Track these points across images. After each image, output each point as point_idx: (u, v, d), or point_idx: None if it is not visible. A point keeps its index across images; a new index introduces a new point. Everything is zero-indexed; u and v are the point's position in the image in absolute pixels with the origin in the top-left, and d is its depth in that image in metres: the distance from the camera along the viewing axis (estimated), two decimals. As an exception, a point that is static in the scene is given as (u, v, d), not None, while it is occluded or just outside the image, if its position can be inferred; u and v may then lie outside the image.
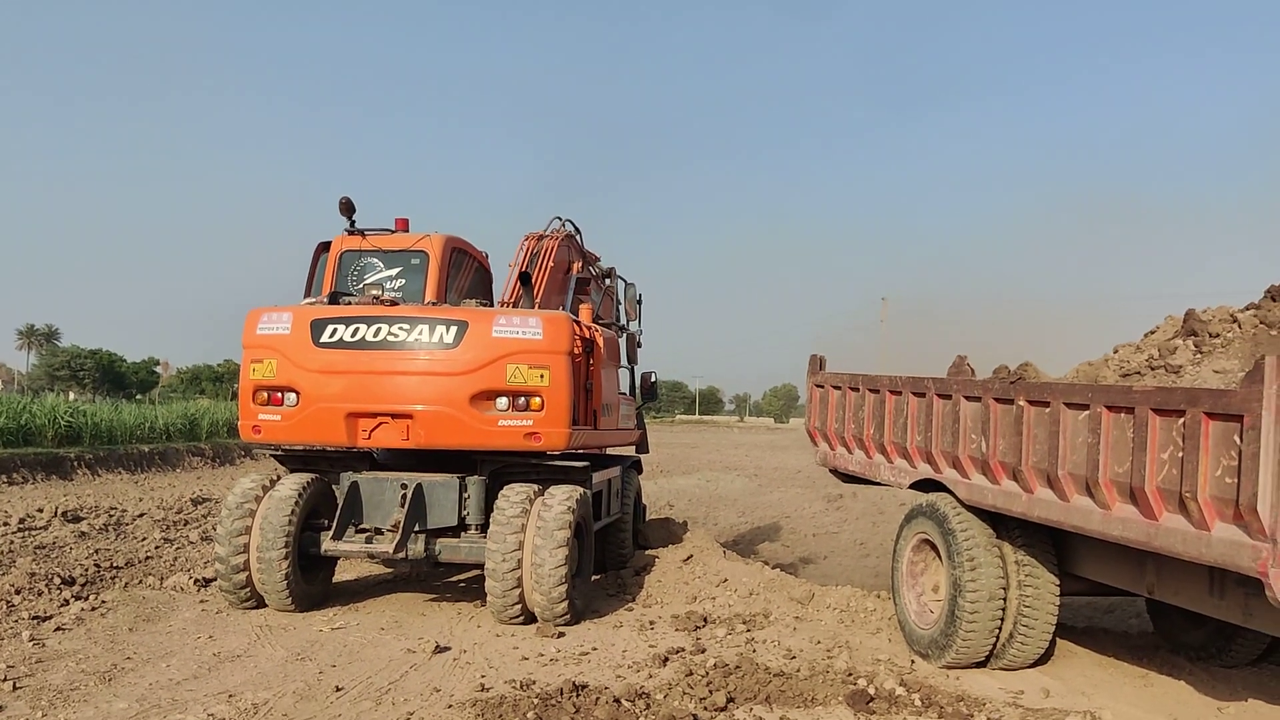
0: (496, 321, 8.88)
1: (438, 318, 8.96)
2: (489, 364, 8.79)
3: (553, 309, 10.72)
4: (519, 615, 8.77)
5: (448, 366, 8.83)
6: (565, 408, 8.92)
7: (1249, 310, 6.77)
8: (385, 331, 8.92)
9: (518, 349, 8.80)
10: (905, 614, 8.38)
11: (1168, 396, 5.52)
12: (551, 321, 8.97)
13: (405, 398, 8.92)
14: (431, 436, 8.93)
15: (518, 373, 8.76)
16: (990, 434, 7.17)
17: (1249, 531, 4.93)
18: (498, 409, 8.84)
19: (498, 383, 8.79)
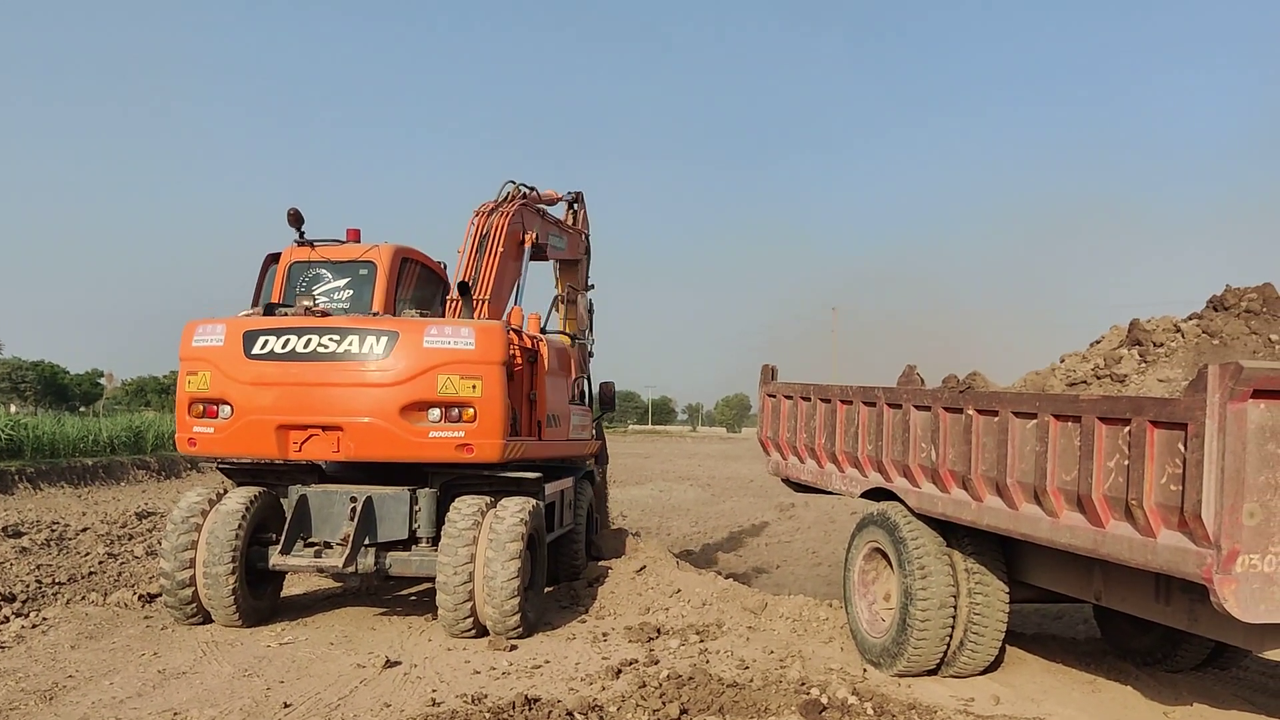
0: (428, 332, 8.76)
1: (368, 328, 8.86)
2: (419, 375, 8.67)
3: (508, 286, 10.92)
4: (471, 629, 8.70)
5: (378, 378, 8.71)
6: (499, 419, 8.77)
7: (1192, 320, 6.88)
8: (315, 343, 8.84)
9: (449, 359, 8.68)
10: (857, 623, 8.41)
11: (1113, 405, 5.59)
12: (485, 331, 8.83)
13: (335, 410, 8.79)
14: (361, 449, 8.81)
15: (449, 383, 8.65)
16: (940, 443, 7.22)
17: (1194, 538, 4.99)
18: (430, 420, 8.70)
19: (429, 394, 8.66)
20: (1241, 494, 4.80)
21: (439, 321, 9.03)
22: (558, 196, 13.24)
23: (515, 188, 11.74)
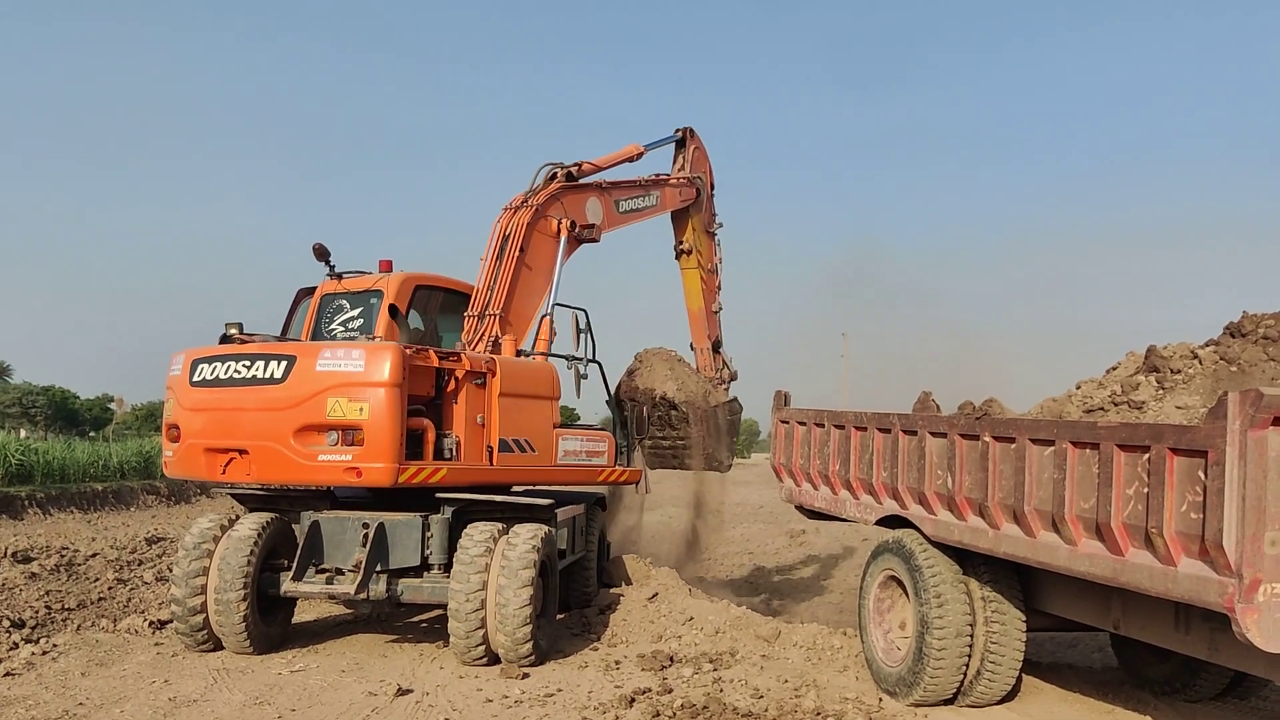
0: (321, 355, 8.76)
1: (270, 354, 8.96)
2: (311, 398, 8.65)
3: (535, 294, 10.95)
4: (483, 656, 8.66)
5: (275, 402, 8.77)
6: (388, 442, 8.54)
7: (1209, 346, 6.84)
8: (232, 369, 9.04)
9: (339, 382, 8.60)
10: (872, 651, 8.34)
11: (1132, 432, 5.55)
12: (374, 353, 8.68)
13: (243, 434, 8.94)
14: (263, 472, 8.90)
15: (338, 406, 8.58)
16: (956, 470, 7.18)
17: (1215, 567, 4.95)
18: (327, 443, 8.65)
19: (319, 417, 8.60)
20: (1263, 522, 4.76)
21: (335, 345, 9.03)
22: (636, 151, 13.11)
23: (550, 170, 11.60)
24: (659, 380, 13.90)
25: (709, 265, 14.59)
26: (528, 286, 10.91)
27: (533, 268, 11.00)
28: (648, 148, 13.38)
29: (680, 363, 14.46)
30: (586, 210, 11.89)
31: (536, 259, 11.11)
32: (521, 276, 10.85)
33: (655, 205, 13.18)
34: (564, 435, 10.61)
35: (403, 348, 8.75)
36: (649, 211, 13.14)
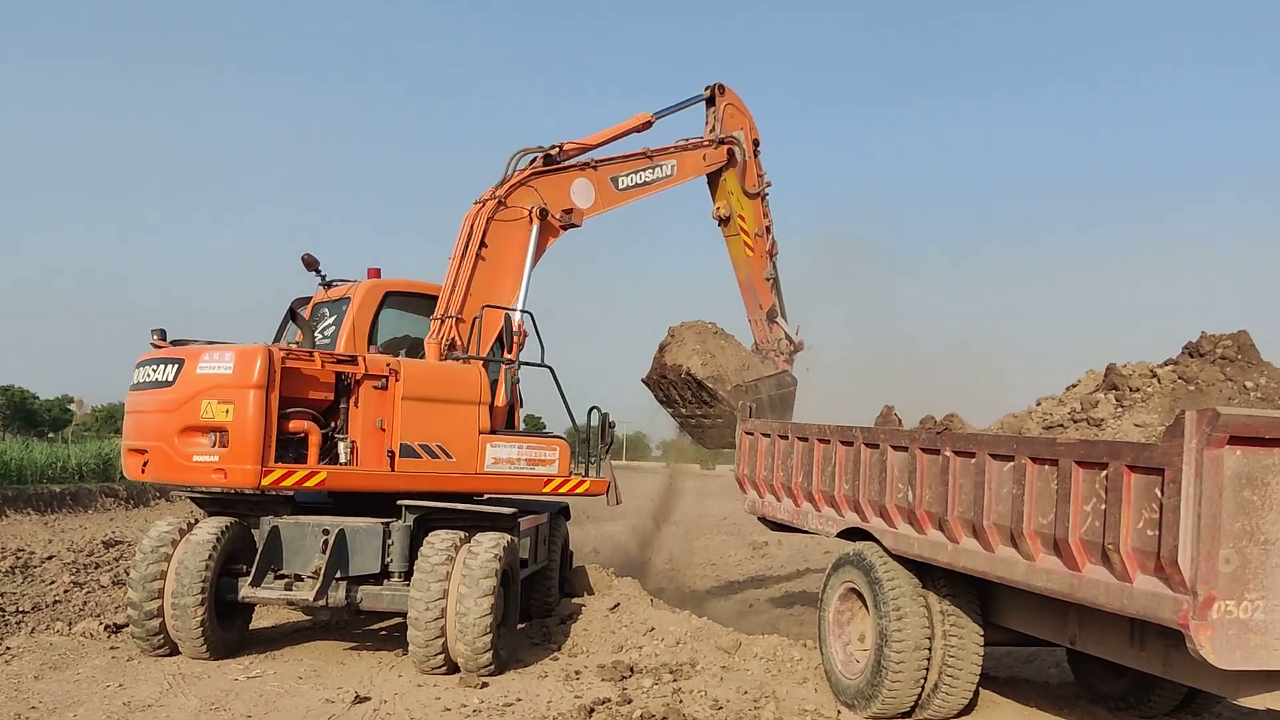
0: (202, 359, 8.89)
1: (166, 358, 9.16)
2: (189, 400, 8.81)
3: (500, 290, 10.71)
4: (442, 665, 8.61)
5: (165, 404, 8.97)
6: (253, 444, 8.59)
7: (1168, 366, 6.93)
8: (144, 372, 9.31)
9: (212, 384, 8.73)
10: (832, 663, 8.37)
11: (1091, 449, 5.61)
12: (242, 356, 8.75)
13: (145, 435, 9.21)
14: (156, 471, 9.13)
15: (209, 408, 8.70)
16: (917, 484, 7.22)
17: (1170, 584, 5.00)
18: (207, 445, 8.75)
19: (194, 419, 8.74)
20: (1218, 540, 4.82)
21: (214, 348, 9.07)
22: (643, 120, 12.40)
23: (524, 155, 11.20)
24: (685, 355, 13.07)
25: (755, 230, 13.52)
26: (489, 283, 10.65)
27: (496, 263, 10.75)
28: (658, 115, 12.63)
29: (716, 335, 13.49)
30: (572, 193, 11.46)
31: (500, 254, 10.82)
32: (479, 274, 10.61)
33: (671, 175, 12.45)
34: (494, 442, 10.04)
35: (271, 350, 8.80)
36: (664, 182, 12.42)
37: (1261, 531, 4.91)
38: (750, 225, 13.57)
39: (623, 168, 12.04)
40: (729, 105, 13.16)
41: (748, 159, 13.39)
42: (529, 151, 11.28)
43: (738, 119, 13.31)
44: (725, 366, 13.11)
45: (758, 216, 13.63)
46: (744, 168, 13.35)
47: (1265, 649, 4.95)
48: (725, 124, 13.15)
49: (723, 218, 13.49)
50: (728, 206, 13.39)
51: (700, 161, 12.94)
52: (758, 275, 13.88)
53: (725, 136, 13.15)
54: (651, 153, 12.34)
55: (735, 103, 13.27)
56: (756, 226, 13.60)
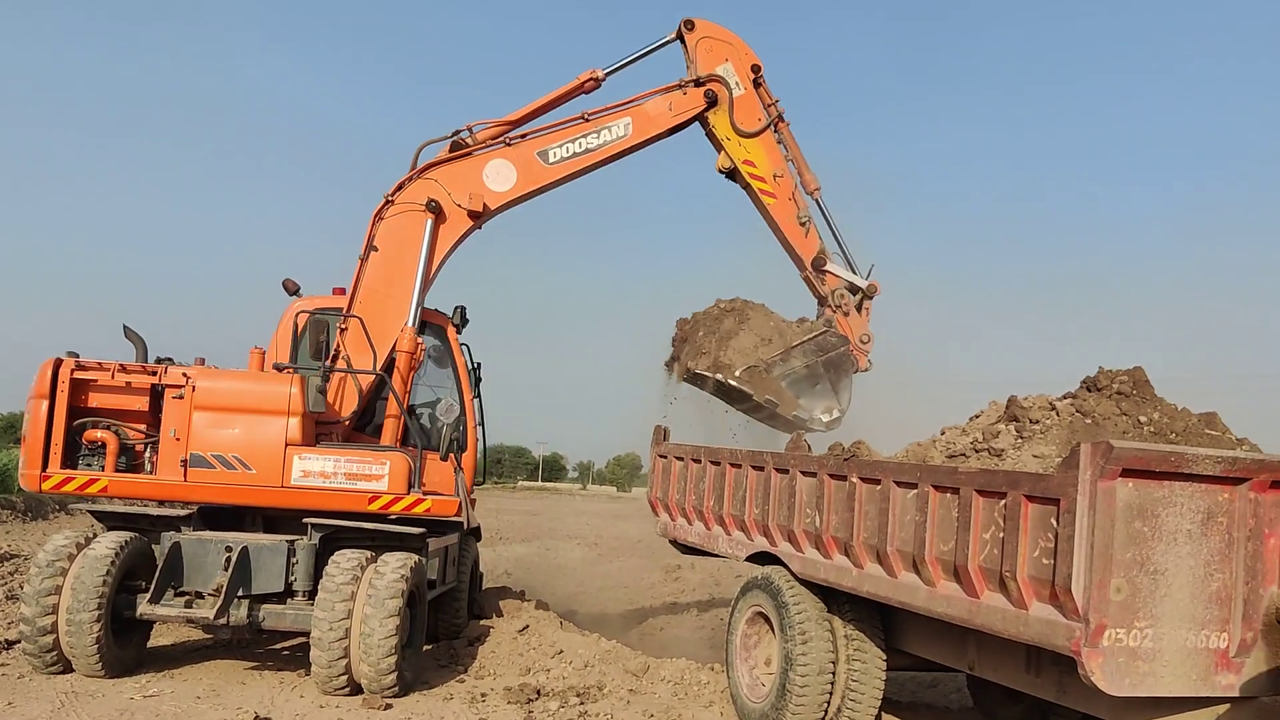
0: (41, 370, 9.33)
1: None
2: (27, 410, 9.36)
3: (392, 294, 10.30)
4: (345, 686, 8.47)
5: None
6: (35, 449, 9.17)
7: (1066, 399, 7.12)
8: None
9: (29, 396, 9.29)
10: (738, 687, 8.42)
11: (990, 478, 5.75)
12: (41, 368, 9.28)
13: None
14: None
15: (25, 417, 9.38)
16: (824, 509, 7.33)
17: (1064, 611, 5.13)
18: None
19: (22, 427, 9.43)
20: (1110, 569, 4.96)
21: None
22: (588, 78, 10.98)
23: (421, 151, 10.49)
24: (691, 356, 11.29)
25: (770, 172, 11.33)
26: (380, 286, 10.28)
27: (388, 263, 10.33)
28: (609, 71, 11.08)
29: (732, 313, 11.42)
30: (485, 178, 10.48)
31: (393, 253, 10.35)
32: (367, 277, 10.27)
33: (628, 135, 10.82)
34: (303, 454, 9.47)
35: (60, 361, 9.25)
36: (618, 145, 10.83)
37: (1151, 561, 5.07)
38: (762, 169, 11.38)
39: (552, 139, 10.71)
40: (704, 39, 11.21)
41: (744, 93, 11.31)
42: (434, 142, 10.61)
43: (719, 50, 11.29)
44: (738, 352, 10.97)
45: (770, 156, 11.43)
46: (733, 106, 11.24)
47: (1153, 676, 5.10)
48: (702, 62, 11.18)
49: (726, 170, 11.42)
50: (727, 156, 11.33)
51: (666, 112, 11.03)
52: (788, 223, 11.56)
53: (705, 76, 11.16)
54: (591, 114, 10.82)
55: (713, 33, 11.31)
56: (771, 168, 11.41)
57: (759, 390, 10.77)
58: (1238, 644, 5.20)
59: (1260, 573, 5.23)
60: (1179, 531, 5.12)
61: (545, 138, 10.75)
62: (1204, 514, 5.17)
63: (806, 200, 11.65)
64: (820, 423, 11.31)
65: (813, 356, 11.19)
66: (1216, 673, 5.20)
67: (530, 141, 10.68)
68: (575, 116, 10.80)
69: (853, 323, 11.61)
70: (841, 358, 11.47)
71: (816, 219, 11.71)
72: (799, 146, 11.70)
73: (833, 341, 11.38)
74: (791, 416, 11.03)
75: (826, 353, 11.32)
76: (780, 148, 11.50)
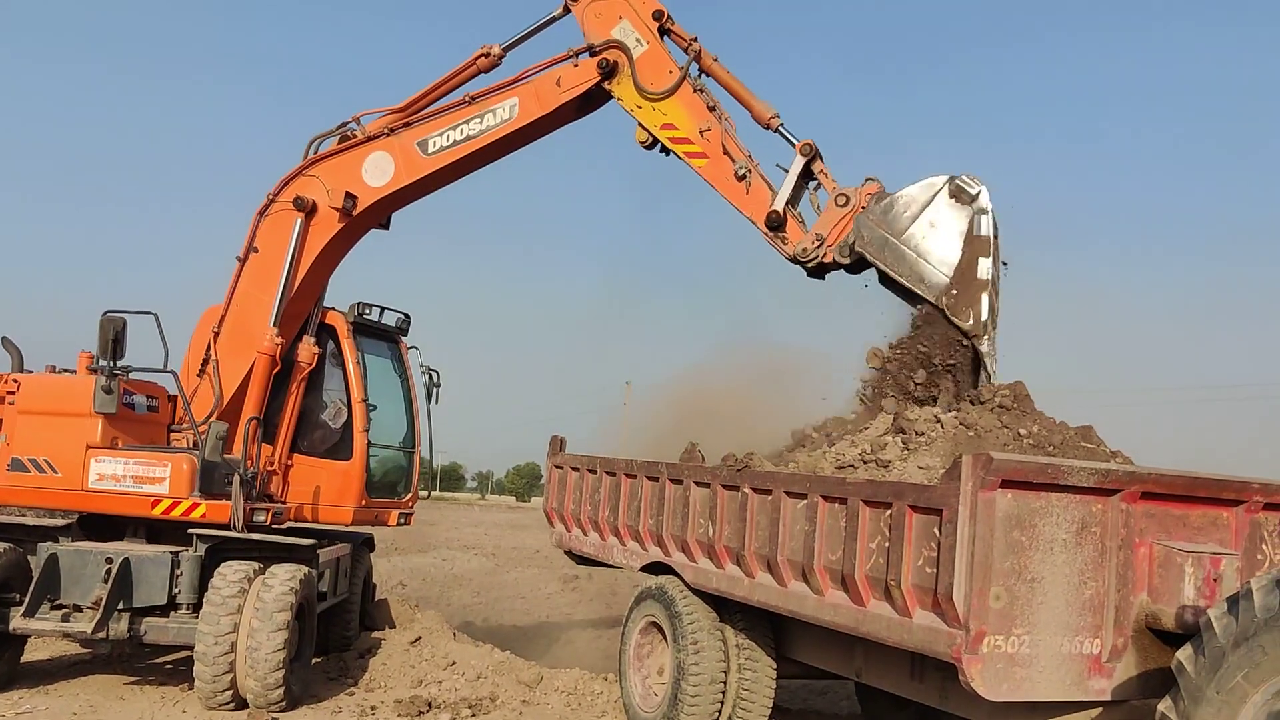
0: None
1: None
2: None
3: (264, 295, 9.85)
4: (229, 701, 8.28)
5: None
6: None
7: (951, 412, 7.30)
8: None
9: None
10: (631, 697, 8.43)
11: (877, 489, 5.87)
12: None
13: None
14: None
15: None
16: (717, 519, 7.39)
17: (945, 619, 5.25)
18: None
19: None
20: (989, 578, 5.09)
21: None
22: (482, 54, 9.84)
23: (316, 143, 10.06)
24: None
25: (694, 128, 9.25)
26: (256, 286, 9.89)
27: (264, 264, 9.93)
28: (507, 47, 9.94)
29: None
30: (364, 173, 9.78)
31: (270, 254, 9.93)
32: (243, 278, 9.96)
33: (513, 117, 9.62)
34: (99, 456, 9.19)
35: None
36: (502, 129, 9.65)
37: (1029, 570, 5.21)
38: (685, 128, 9.37)
39: (432, 126, 9.77)
40: (590, 4, 9.64)
41: (648, 48, 9.51)
42: (324, 136, 10.05)
43: (614, 9, 9.62)
44: None
45: (691, 110, 9.36)
46: (634, 68, 9.44)
47: (1030, 681, 5.24)
48: (593, 29, 9.64)
49: (646, 143, 9.60)
50: (643, 129, 9.56)
51: (554, 89, 9.63)
52: (725, 182, 9.30)
53: (597, 45, 9.55)
54: (475, 95, 9.73)
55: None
56: (695, 124, 9.31)
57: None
58: (1110, 649, 5.37)
59: (1131, 581, 5.42)
60: (1055, 541, 5.28)
61: (426, 125, 9.81)
62: (1079, 524, 5.34)
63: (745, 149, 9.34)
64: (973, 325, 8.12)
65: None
66: (1090, 678, 5.37)
67: (411, 130, 9.81)
68: (459, 100, 9.79)
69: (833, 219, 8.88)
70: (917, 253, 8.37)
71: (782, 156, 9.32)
72: (738, 79, 9.70)
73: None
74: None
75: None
76: (704, 94, 9.47)
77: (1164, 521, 5.55)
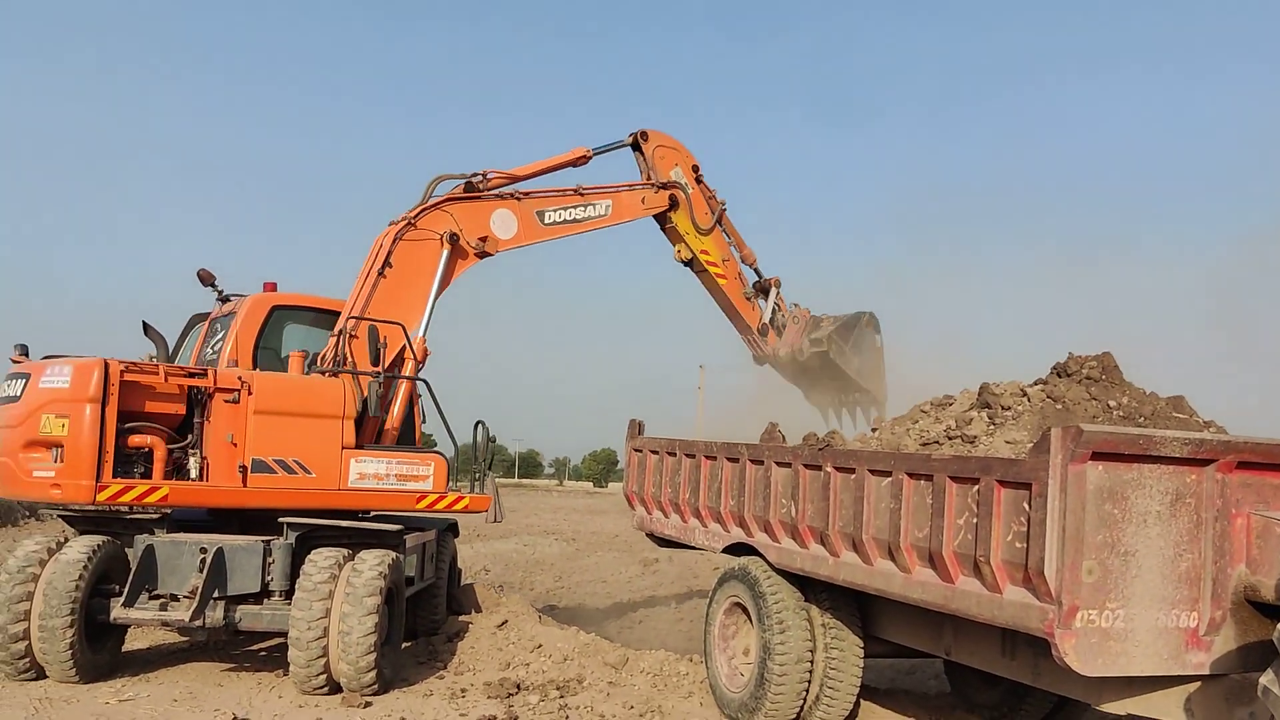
0: (46, 372, 8.74)
1: (17, 373, 9.01)
2: (32, 414, 8.61)
3: (402, 308, 10.49)
4: (324, 685, 8.45)
5: (13, 419, 8.77)
6: (86, 458, 8.46)
7: (1037, 385, 7.20)
8: (2, 388, 9.13)
9: (52, 399, 8.59)
10: (716, 677, 8.46)
11: (964, 465, 5.81)
12: (79, 369, 8.62)
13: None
14: (3, 487, 8.91)
15: (49, 422, 8.53)
16: (799, 499, 7.37)
17: (1037, 594, 5.19)
18: (47, 460, 8.60)
19: (34, 433, 8.60)
20: (1081, 551, 5.02)
21: (56, 362, 8.89)
22: (580, 155, 12.15)
23: (437, 183, 11.11)
24: None
25: (720, 257, 12.96)
26: (389, 302, 10.53)
27: (399, 283, 10.66)
28: (596, 152, 12.33)
29: None
30: (491, 223, 11.28)
31: (405, 274, 10.72)
32: (379, 292, 10.53)
33: (606, 215, 12.08)
34: (359, 457, 9.74)
35: (109, 363, 8.62)
36: (598, 221, 12.06)
37: (1121, 543, 5.13)
38: (714, 255, 13.03)
39: (550, 202, 11.78)
40: (658, 148, 12.71)
41: (692, 194, 12.84)
42: (449, 178, 11.21)
43: (671, 157, 12.83)
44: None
45: (720, 244, 13.09)
46: (691, 205, 12.78)
47: (1125, 656, 5.16)
48: (659, 169, 12.67)
49: (685, 261, 12.99)
50: (687, 249, 12.86)
51: (639, 204, 12.49)
52: (737, 298, 13.36)
53: (665, 182, 12.63)
54: (585, 190, 12.01)
55: (665, 142, 12.85)
56: (721, 254, 13.07)
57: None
58: (1207, 622, 5.27)
59: (1228, 552, 5.30)
60: (1148, 513, 5.18)
61: (544, 200, 11.74)
62: (1172, 495, 5.24)
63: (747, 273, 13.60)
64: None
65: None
66: (1187, 651, 5.28)
67: (533, 200, 11.65)
68: (570, 188, 11.95)
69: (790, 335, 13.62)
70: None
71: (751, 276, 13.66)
72: (736, 229, 13.45)
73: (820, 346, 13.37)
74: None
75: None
76: (723, 233, 13.20)
77: (1261, 491, 5.41)
